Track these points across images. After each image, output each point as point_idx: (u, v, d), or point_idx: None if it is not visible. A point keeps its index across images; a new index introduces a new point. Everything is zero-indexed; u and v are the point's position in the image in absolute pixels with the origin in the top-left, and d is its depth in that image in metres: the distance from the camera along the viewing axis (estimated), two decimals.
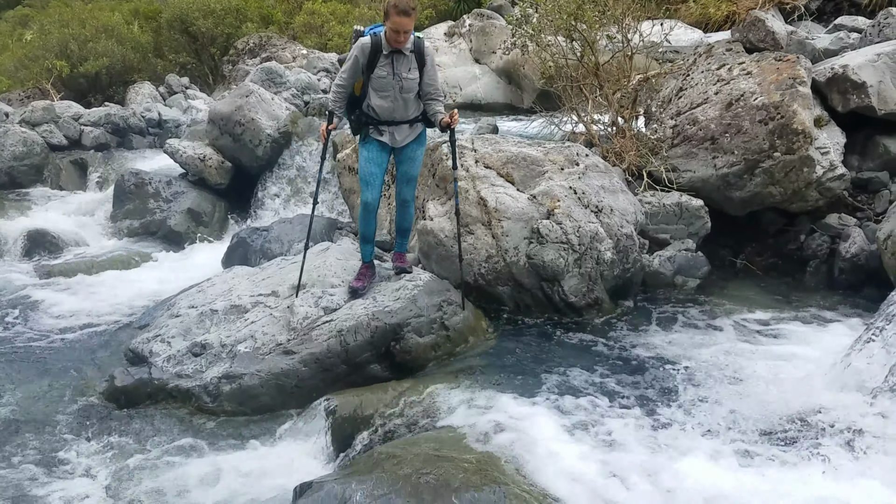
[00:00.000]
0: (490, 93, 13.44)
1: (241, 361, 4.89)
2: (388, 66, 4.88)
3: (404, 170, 5.26)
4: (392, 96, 4.98)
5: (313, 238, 7.70)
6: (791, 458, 3.63)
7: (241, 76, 15.28)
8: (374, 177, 5.12)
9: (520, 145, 6.21)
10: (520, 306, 5.64)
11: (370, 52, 4.85)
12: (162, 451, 4.37)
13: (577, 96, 7.90)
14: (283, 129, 9.96)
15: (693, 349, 5.00)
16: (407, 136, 5.16)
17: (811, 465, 3.53)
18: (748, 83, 6.46)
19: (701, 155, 6.55)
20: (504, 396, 4.31)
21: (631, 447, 3.78)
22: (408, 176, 5.26)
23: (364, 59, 4.87)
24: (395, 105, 5.02)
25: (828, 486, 3.32)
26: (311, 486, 3.43)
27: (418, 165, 5.32)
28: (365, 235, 5.32)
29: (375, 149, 5.12)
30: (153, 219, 9.64)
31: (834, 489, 3.27)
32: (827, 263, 6.22)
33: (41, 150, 11.68)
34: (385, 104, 5.01)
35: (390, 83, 4.93)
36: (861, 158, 6.84)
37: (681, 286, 6.11)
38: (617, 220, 5.76)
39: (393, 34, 4.75)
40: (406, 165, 5.24)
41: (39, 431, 4.63)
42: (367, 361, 4.85)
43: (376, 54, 4.86)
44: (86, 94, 16.22)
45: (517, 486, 3.31)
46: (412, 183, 5.30)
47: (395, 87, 4.94)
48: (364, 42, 4.87)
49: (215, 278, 6.17)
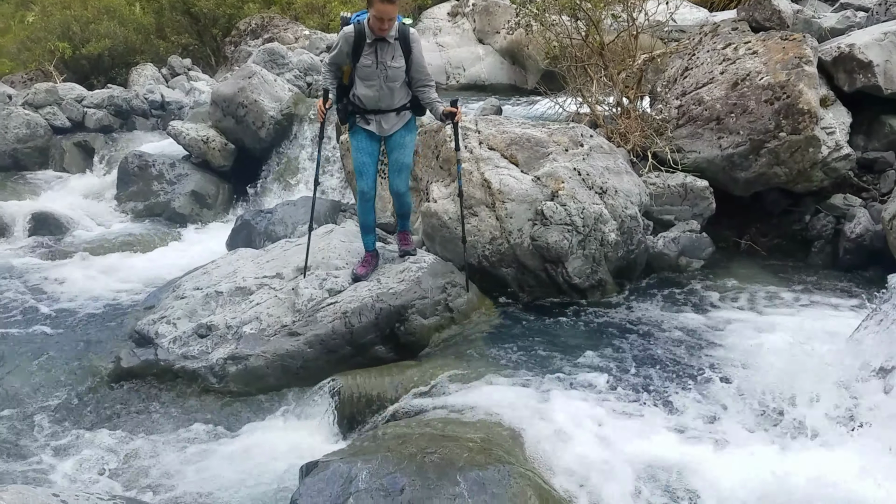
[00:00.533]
0: (494, 73, 13.36)
1: (246, 343, 4.91)
2: (373, 54, 4.80)
3: (395, 157, 5.13)
4: (377, 85, 4.91)
5: (317, 220, 7.72)
6: (797, 436, 3.65)
7: (243, 57, 15.20)
8: (365, 166, 5.08)
9: (524, 126, 6.19)
10: (524, 288, 5.64)
11: (354, 41, 4.77)
12: (168, 431, 4.42)
13: (581, 76, 7.85)
14: (285, 110, 9.94)
15: (697, 330, 5.01)
16: (395, 124, 5.09)
17: (816, 443, 3.56)
18: (754, 63, 6.41)
19: (706, 135, 6.52)
20: (508, 377, 4.33)
21: (634, 426, 3.80)
22: (399, 164, 5.12)
23: (348, 47, 4.80)
24: (380, 94, 4.95)
25: (831, 464, 3.34)
26: (317, 465, 3.46)
27: (409, 153, 5.18)
28: (365, 225, 5.28)
29: (364, 138, 5.06)
30: (157, 201, 9.66)
31: (837, 467, 3.29)
32: (832, 244, 6.21)
33: (45, 133, 11.70)
34: (370, 93, 4.94)
35: (374, 72, 4.85)
36: (867, 138, 6.80)
37: (685, 267, 6.11)
38: (621, 202, 5.75)
39: (377, 22, 4.65)
40: (397, 153, 5.12)
41: (46, 411, 4.67)
42: (371, 343, 4.87)
43: (360, 43, 4.76)
44: (88, 75, 16.16)
45: (521, 465, 3.33)
46: (404, 173, 5.16)
47: (379, 76, 4.86)
48: (347, 31, 4.79)
49: (220, 260, 6.19)
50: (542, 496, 3.14)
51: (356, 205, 5.41)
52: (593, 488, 3.34)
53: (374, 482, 3.16)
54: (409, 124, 5.15)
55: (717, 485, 3.32)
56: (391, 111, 5.04)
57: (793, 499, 3.17)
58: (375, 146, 5.13)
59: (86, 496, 3.08)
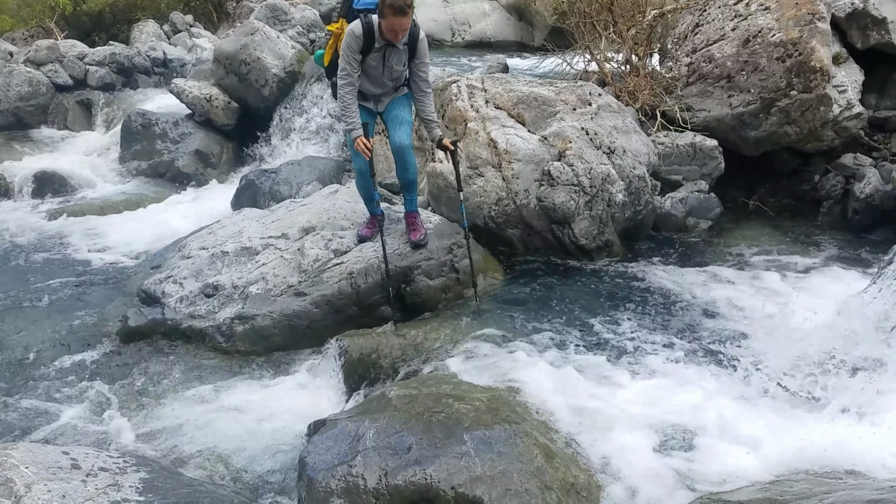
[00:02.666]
0: (500, 30, 13.16)
1: (253, 303, 4.92)
2: (380, 57, 4.63)
3: (394, 115, 4.94)
4: (380, 83, 4.80)
5: (321, 180, 7.71)
6: (807, 397, 3.66)
7: (245, 14, 14.99)
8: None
9: (531, 85, 6.10)
10: (530, 249, 5.62)
11: (364, 43, 4.53)
12: (176, 390, 4.45)
13: (590, 33, 7.73)
14: (289, 68, 9.81)
15: (704, 290, 5.00)
16: (391, 98, 4.97)
17: (827, 405, 3.56)
18: (766, 19, 6.29)
19: (716, 93, 6.43)
20: (514, 337, 4.34)
21: (643, 386, 3.82)
22: (398, 119, 4.92)
23: (358, 47, 4.54)
24: (383, 89, 4.86)
25: (844, 427, 3.35)
26: (324, 424, 3.49)
27: (409, 110, 5.00)
28: (366, 196, 5.13)
29: (362, 115, 4.83)
30: (161, 160, 9.61)
31: (850, 429, 3.30)
32: (841, 204, 6.17)
33: (47, 91, 11.59)
34: (373, 88, 4.84)
35: (379, 73, 4.71)
36: (879, 97, 6.71)
37: (692, 228, 6.08)
38: (629, 162, 5.70)
39: (390, 33, 4.43)
40: (395, 111, 4.94)
41: (55, 370, 4.70)
42: (377, 303, 4.87)
43: (370, 44, 4.55)
44: (90, 32, 15.96)
45: (528, 425, 3.36)
46: (405, 126, 4.92)
47: (383, 76, 4.74)
48: (356, 31, 4.50)
49: (225, 220, 6.17)
50: (547, 455, 3.16)
51: (354, 179, 5.20)
52: (600, 447, 3.36)
53: (382, 440, 3.19)
54: (406, 94, 5.00)
55: (725, 443, 3.34)
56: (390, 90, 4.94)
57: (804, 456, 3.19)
58: (371, 122, 4.96)
59: (95, 453, 3.11)
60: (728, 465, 3.21)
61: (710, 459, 3.27)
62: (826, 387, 3.69)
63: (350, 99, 4.68)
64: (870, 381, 3.62)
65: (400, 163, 4.97)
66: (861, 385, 3.62)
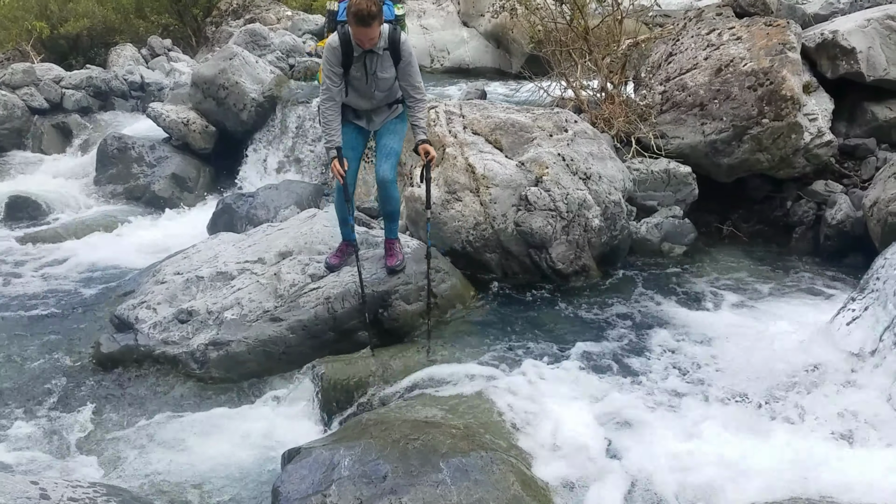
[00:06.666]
0: (478, 57, 13.28)
1: (227, 328, 4.87)
2: (362, 66, 4.55)
3: (384, 142, 4.85)
4: (368, 95, 4.71)
5: (299, 204, 7.69)
6: (782, 421, 3.68)
7: (224, 38, 15.02)
8: (348, 160, 4.74)
9: (508, 111, 6.16)
10: (507, 273, 5.64)
11: (342, 54, 4.49)
12: (149, 417, 4.38)
13: (566, 61, 7.82)
14: (267, 92, 9.83)
15: (679, 315, 5.03)
16: (386, 117, 4.90)
17: (803, 428, 3.59)
18: (738, 48, 6.42)
19: (689, 121, 6.52)
20: (492, 363, 4.34)
21: (618, 411, 3.82)
22: (387, 149, 4.82)
23: (336, 59, 4.51)
24: (371, 102, 4.76)
25: (823, 450, 3.38)
26: (299, 452, 3.44)
27: (400, 139, 4.90)
28: (342, 217, 5.05)
29: (352, 132, 4.81)
30: (137, 184, 9.53)
31: (829, 452, 3.33)
32: (813, 230, 6.26)
33: (22, 114, 11.50)
34: (362, 102, 4.75)
35: (365, 85, 4.63)
36: (849, 125, 6.84)
37: (668, 252, 6.13)
38: (605, 187, 5.75)
39: (358, 40, 4.36)
40: (386, 138, 4.86)
41: (24, 397, 4.61)
42: (355, 328, 4.84)
43: (349, 54, 4.50)
44: (67, 56, 15.89)
45: (504, 452, 3.34)
46: (392, 158, 4.81)
47: (370, 87, 4.65)
48: (333, 43, 4.49)
49: (200, 244, 6.12)
50: (524, 482, 3.15)
51: (333, 196, 5.10)
52: (575, 473, 3.35)
53: (357, 469, 3.16)
54: (401, 115, 4.95)
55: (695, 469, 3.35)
56: (383, 107, 4.86)
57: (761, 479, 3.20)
58: (361, 142, 4.92)
59: (65, 483, 3.05)
60: (704, 492, 3.22)
61: (684, 486, 3.27)
62: (801, 410, 3.72)
63: (331, 115, 4.61)
64: (845, 405, 3.65)
65: (382, 195, 4.89)
66: (836, 409, 3.65)
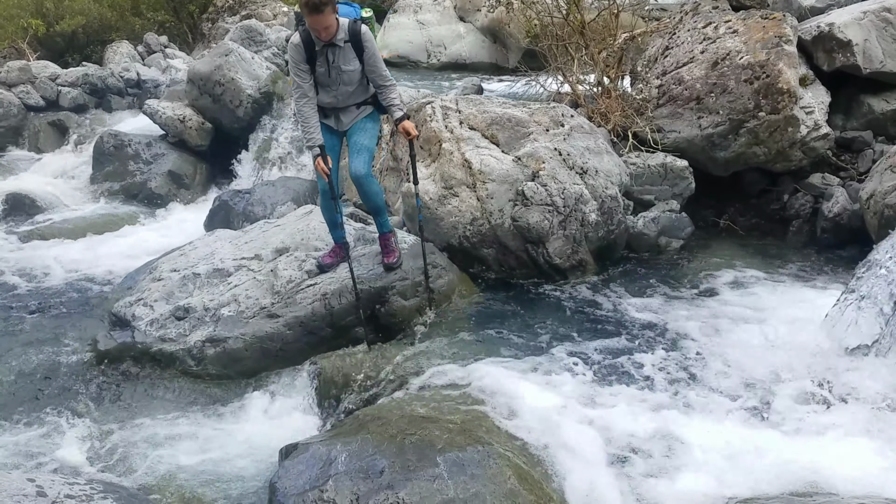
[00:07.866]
0: (475, 52, 13.27)
1: (224, 325, 4.87)
2: (324, 61, 4.51)
3: (354, 140, 4.76)
4: (334, 91, 4.66)
5: (296, 201, 7.69)
6: (774, 415, 3.69)
7: (220, 34, 14.99)
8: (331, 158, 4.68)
9: (504, 106, 6.15)
10: (504, 268, 5.63)
11: (304, 50, 4.43)
12: (146, 414, 4.38)
13: (562, 55, 7.81)
14: (263, 89, 9.81)
15: (676, 309, 5.03)
16: (355, 117, 4.83)
17: (795, 422, 3.60)
18: (734, 42, 6.40)
19: (686, 115, 6.52)
20: (488, 358, 4.34)
21: (614, 406, 3.83)
22: (358, 146, 4.72)
23: (301, 56, 4.48)
24: (337, 99, 4.70)
25: (814, 445, 3.38)
26: (296, 448, 3.45)
27: (370, 137, 4.80)
28: (330, 221, 5.00)
29: (325, 134, 4.72)
30: (133, 181, 9.53)
31: (819, 447, 3.33)
32: (809, 223, 6.25)
33: (18, 112, 11.49)
34: (327, 98, 4.69)
35: (329, 79, 4.58)
36: (845, 118, 6.83)
37: (664, 247, 6.13)
38: (602, 182, 5.75)
39: (314, 31, 4.33)
40: (356, 136, 4.76)
41: (21, 394, 4.61)
42: (352, 324, 4.84)
43: (311, 49, 4.44)
44: (63, 53, 15.86)
45: (501, 446, 3.34)
46: (363, 154, 4.70)
47: (335, 82, 4.60)
48: (294, 42, 4.47)
49: (197, 241, 6.11)
50: (521, 476, 3.15)
51: (319, 201, 5.05)
52: (571, 468, 3.36)
53: (354, 464, 3.16)
54: (371, 115, 4.88)
55: (690, 463, 3.35)
56: (351, 106, 4.80)
57: (760, 475, 3.21)
58: (336, 142, 4.85)
59: (62, 480, 3.05)
60: (697, 484, 3.22)
61: (678, 479, 3.28)
62: (794, 404, 3.72)
63: (308, 111, 4.57)
64: (837, 399, 3.66)
65: (360, 192, 4.83)
66: (829, 403, 3.66)
